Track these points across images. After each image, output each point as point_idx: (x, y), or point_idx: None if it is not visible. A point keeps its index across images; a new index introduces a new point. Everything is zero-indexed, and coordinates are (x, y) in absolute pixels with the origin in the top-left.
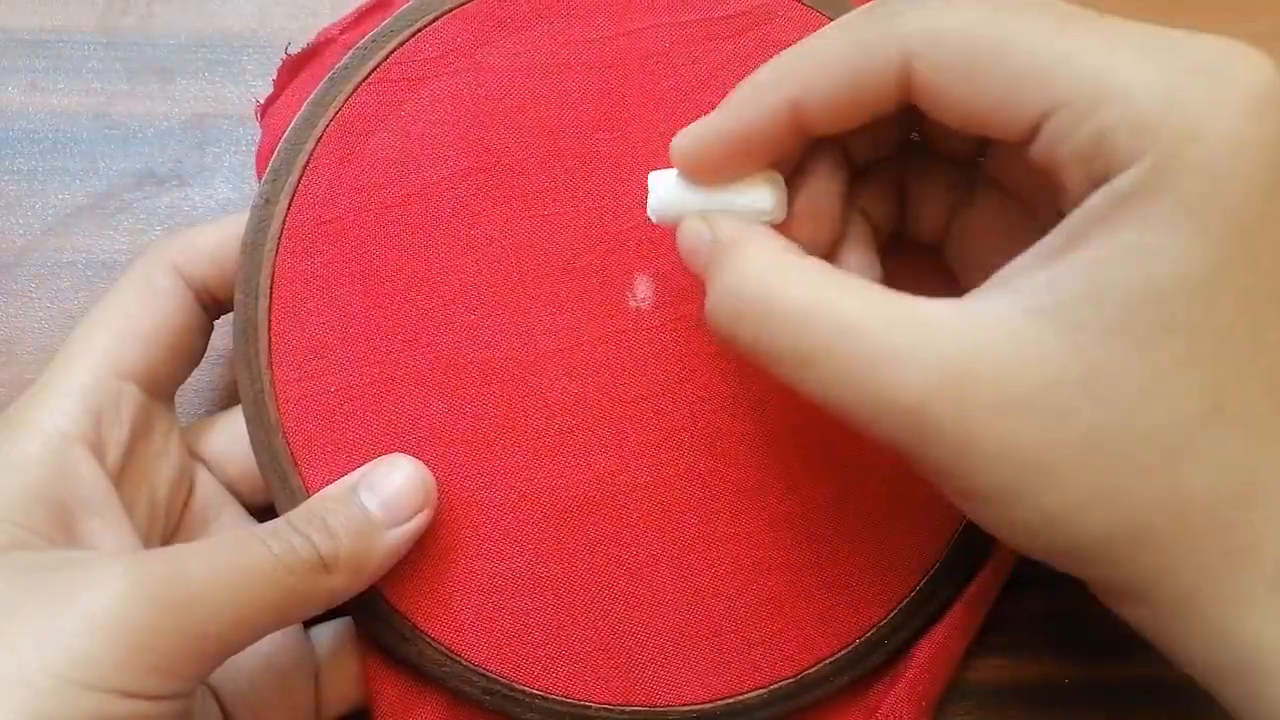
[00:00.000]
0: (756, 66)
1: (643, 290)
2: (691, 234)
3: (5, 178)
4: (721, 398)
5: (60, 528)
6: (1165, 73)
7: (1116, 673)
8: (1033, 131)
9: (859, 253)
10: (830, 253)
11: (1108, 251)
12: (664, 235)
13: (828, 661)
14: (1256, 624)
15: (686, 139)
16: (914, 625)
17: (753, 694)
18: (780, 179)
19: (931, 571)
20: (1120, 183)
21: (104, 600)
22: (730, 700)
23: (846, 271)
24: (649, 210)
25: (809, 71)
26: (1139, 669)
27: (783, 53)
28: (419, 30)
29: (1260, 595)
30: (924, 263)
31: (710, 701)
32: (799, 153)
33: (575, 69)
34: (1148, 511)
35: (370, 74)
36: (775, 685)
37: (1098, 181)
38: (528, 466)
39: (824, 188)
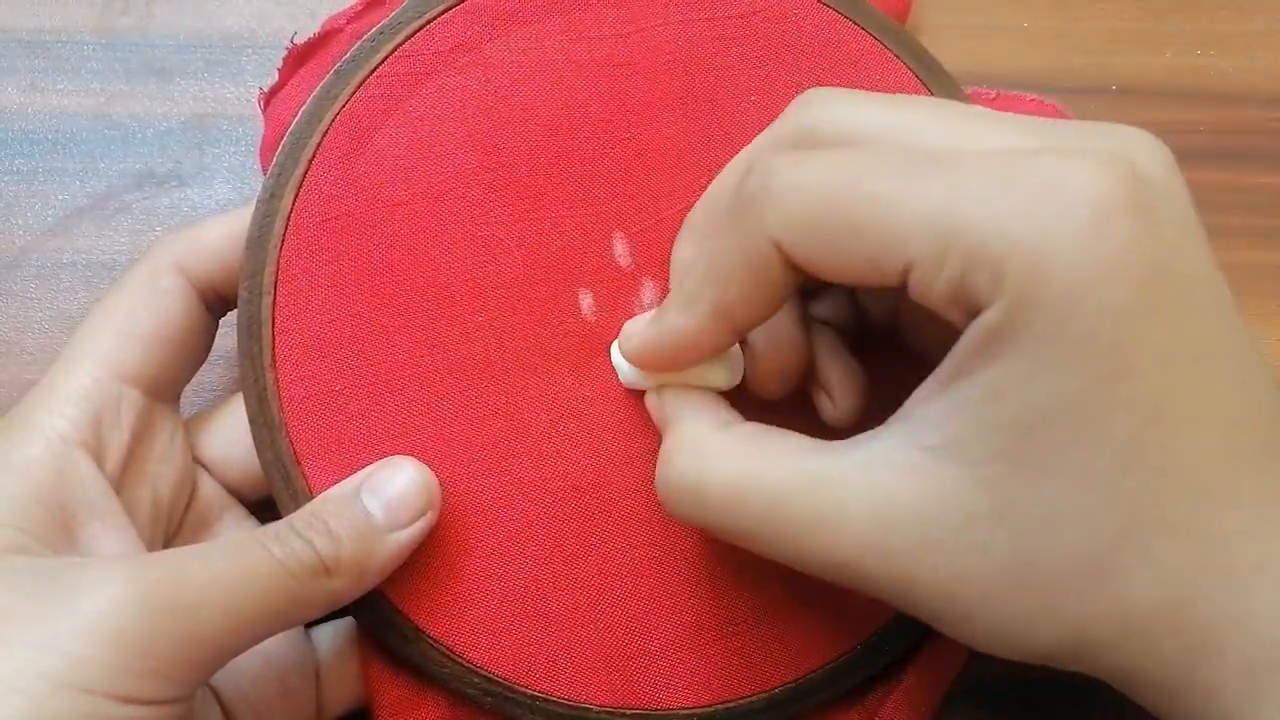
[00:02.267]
0: (770, 66)
1: (649, 295)
2: (651, 407)
3: (4, 178)
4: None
5: (61, 531)
6: (1008, 205)
7: None
8: (902, 282)
9: (834, 359)
10: (807, 370)
11: (988, 385)
12: (671, 242)
13: (827, 667)
14: (1241, 714)
15: (633, 343)
16: (913, 633)
17: (752, 698)
18: (735, 349)
19: None
20: (986, 320)
21: (102, 604)
22: (730, 704)
23: (771, 432)
24: (621, 378)
25: (718, 280)
26: None
27: (697, 265)
28: (427, 23)
29: (1233, 686)
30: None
31: (710, 705)
32: (730, 345)
33: (586, 66)
34: (1091, 624)
35: (377, 67)
36: (775, 690)
37: (969, 314)
38: (532, 468)
39: (778, 323)
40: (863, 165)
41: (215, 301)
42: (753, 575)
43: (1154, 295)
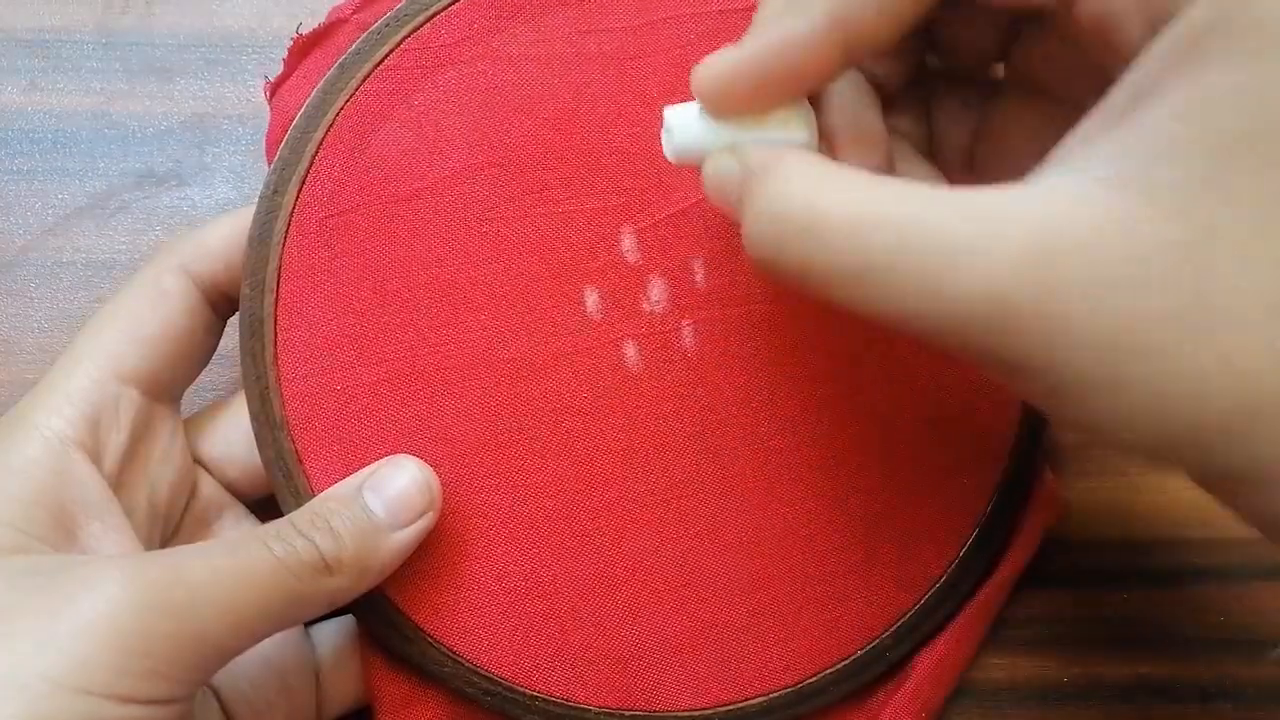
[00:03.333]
0: None
1: (657, 293)
2: (719, 169)
3: (4, 178)
4: (731, 405)
5: (60, 531)
6: None
7: (1116, 673)
8: None
9: (915, 165)
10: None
11: (1187, 99)
12: (681, 239)
13: (828, 672)
14: None
15: (714, 69)
16: (915, 639)
17: (752, 701)
18: (810, 109)
19: (935, 587)
20: (1190, 21)
21: (101, 605)
22: (729, 707)
23: (896, 177)
24: (667, 151)
25: None
26: (1139, 669)
27: None
28: (434, 15)
29: None
30: None
31: (710, 707)
32: (829, 81)
33: (595, 60)
34: (1257, 381)
35: (382, 60)
36: (775, 693)
37: (1159, 26)
38: (534, 468)
39: (864, 112)
40: None
41: (221, 302)
42: (754, 577)
43: None
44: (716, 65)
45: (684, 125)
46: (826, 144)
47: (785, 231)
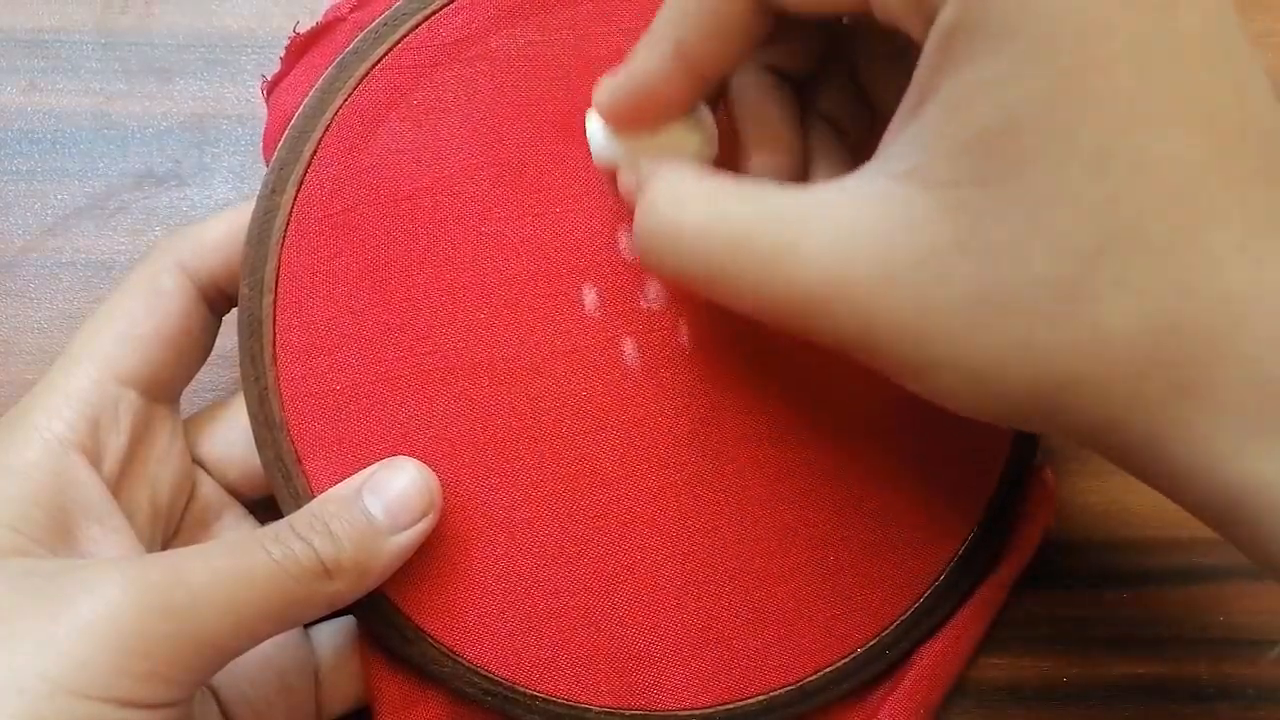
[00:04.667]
0: None
1: (655, 290)
2: (624, 183)
3: (4, 178)
4: (730, 402)
5: (60, 533)
6: None
7: (1116, 672)
8: (865, 3)
9: (827, 159)
10: (800, 172)
11: (949, 98)
12: None
13: (828, 670)
14: (1233, 463)
15: (603, 93)
16: (915, 638)
17: (752, 700)
18: (706, 116)
19: (934, 586)
20: (942, 21)
21: (101, 607)
22: (730, 706)
23: (754, 181)
24: (593, 156)
25: (681, 15)
26: (1139, 669)
27: (664, 4)
28: (433, 14)
29: (1224, 430)
30: None
31: (710, 706)
32: (714, 89)
33: (593, 60)
34: (1068, 358)
35: (380, 60)
36: (775, 692)
37: (929, 23)
38: (533, 467)
39: (767, 113)
40: None
41: (219, 300)
42: (754, 577)
43: None
44: (601, 92)
45: (594, 135)
46: (739, 150)
47: (655, 243)
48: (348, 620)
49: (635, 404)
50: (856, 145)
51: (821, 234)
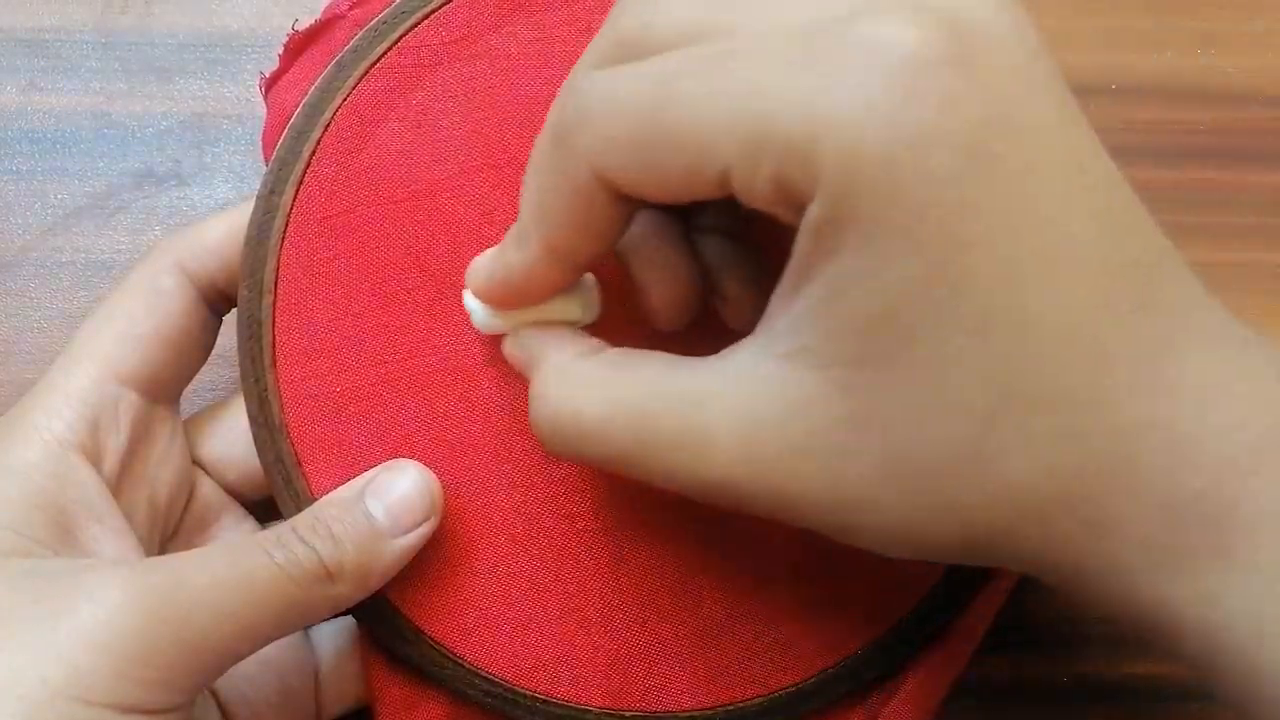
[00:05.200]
0: None
1: None
2: (511, 356)
3: (4, 178)
4: None
5: (60, 534)
6: (811, 81)
7: (1117, 672)
8: (727, 191)
9: (727, 270)
10: (700, 293)
11: (826, 284)
12: None
13: (828, 672)
14: (1149, 590)
15: (478, 279)
16: (915, 641)
17: (752, 701)
18: (590, 283)
19: (935, 588)
20: (811, 217)
21: (102, 613)
22: (730, 707)
23: (637, 354)
24: (477, 325)
25: (549, 214)
26: (1139, 669)
27: (526, 200)
28: (432, 12)
29: (1134, 559)
30: None
31: (710, 707)
32: (567, 285)
33: None
34: (982, 513)
35: (379, 59)
36: (775, 692)
37: (799, 211)
38: (533, 469)
39: (656, 251)
40: (671, 68)
41: (218, 300)
42: (755, 577)
43: (986, 154)
44: (480, 273)
45: (473, 308)
46: (635, 287)
47: (554, 435)
48: (347, 621)
49: None
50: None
51: (723, 418)
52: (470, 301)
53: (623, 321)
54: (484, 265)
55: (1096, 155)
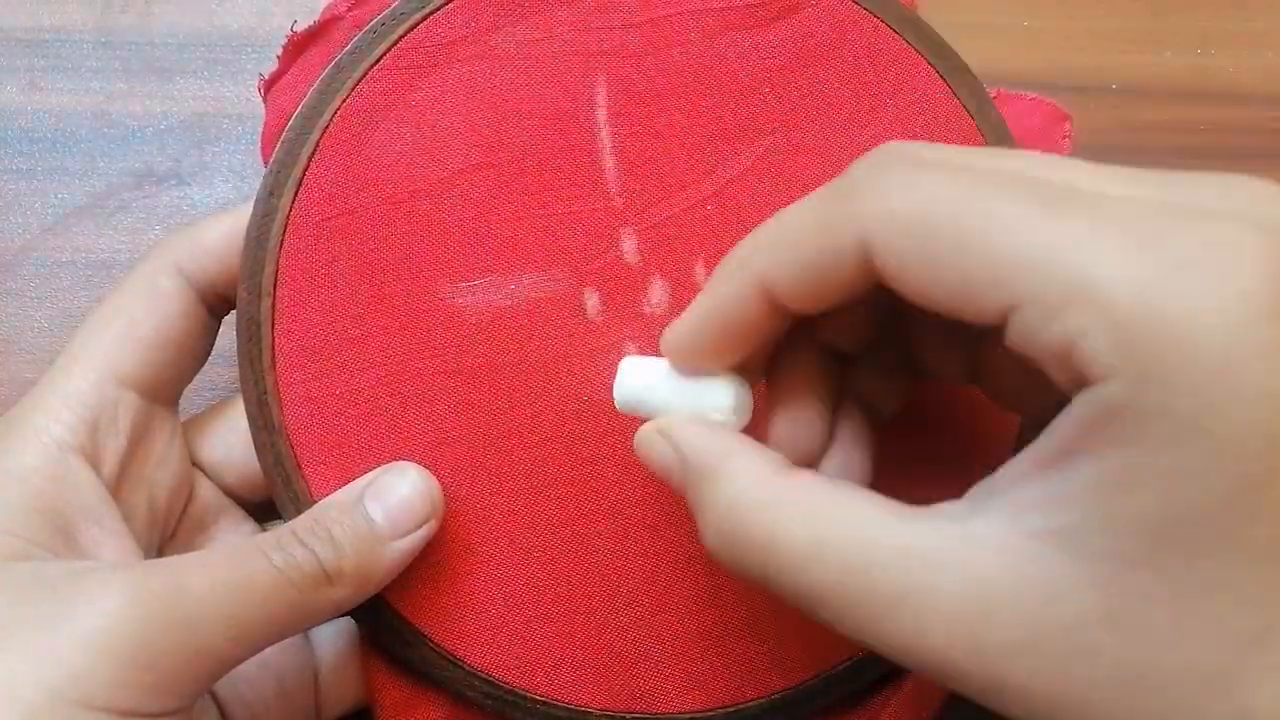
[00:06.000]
0: (785, 57)
1: (658, 295)
2: (654, 452)
3: (4, 177)
4: None
5: (60, 536)
6: (1149, 267)
7: None
8: (1001, 321)
9: (845, 452)
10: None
11: (1109, 473)
12: (681, 239)
13: (828, 674)
14: None
15: (675, 332)
16: None
17: (752, 703)
18: (745, 383)
19: None
20: (1105, 394)
21: (101, 617)
22: (730, 709)
23: (844, 486)
24: (615, 401)
25: (776, 248)
26: None
27: (758, 229)
28: (431, 12)
29: None
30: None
31: (710, 709)
32: (770, 338)
33: (594, 57)
34: None
35: (378, 60)
36: (775, 694)
37: (1078, 380)
38: (534, 471)
39: (804, 388)
40: (988, 184)
41: (217, 302)
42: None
43: None
44: (677, 328)
45: (631, 376)
46: (773, 408)
47: (740, 550)
48: (347, 623)
49: None
50: (884, 420)
51: (951, 586)
52: (630, 368)
53: None
54: (684, 317)
55: None
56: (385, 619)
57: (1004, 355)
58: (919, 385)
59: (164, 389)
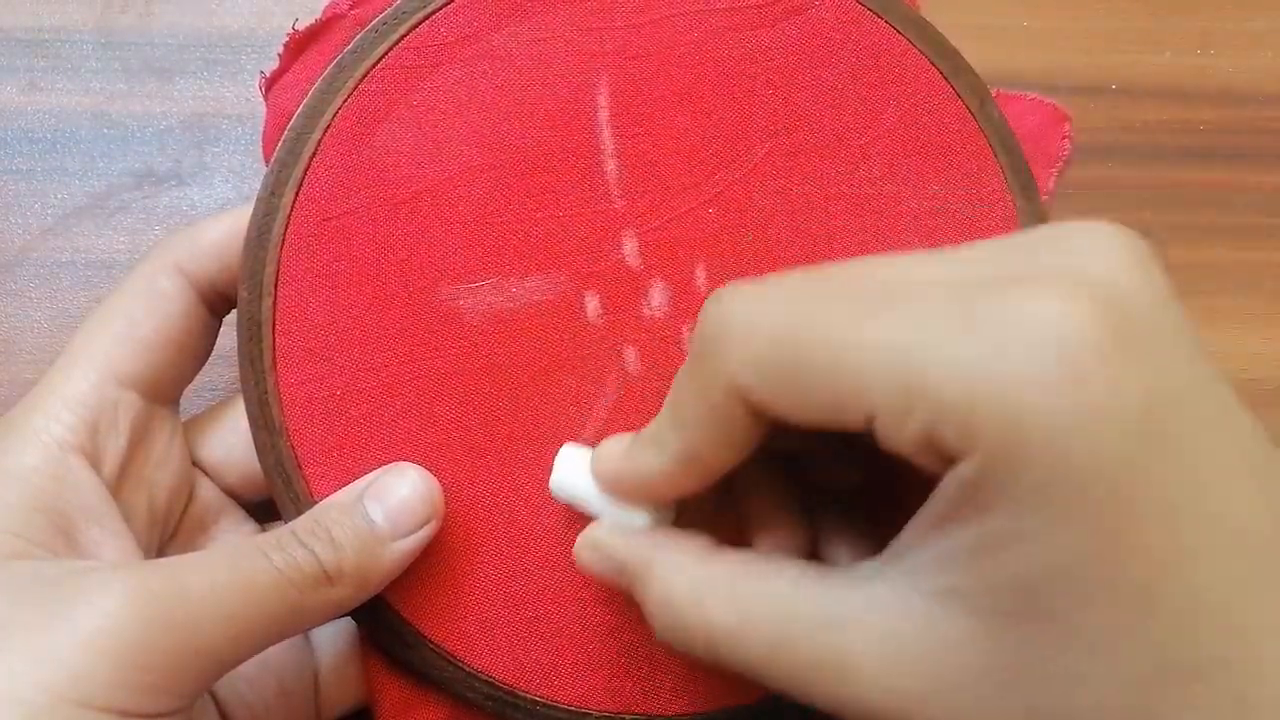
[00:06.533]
0: (788, 57)
1: (658, 298)
2: (592, 563)
3: (4, 177)
4: None
5: (60, 537)
6: (970, 350)
7: None
8: (868, 429)
9: (836, 534)
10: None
11: (979, 539)
12: (683, 241)
13: None
14: None
15: (605, 464)
16: None
17: (752, 704)
18: (666, 509)
19: None
20: (961, 474)
21: (101, 619)
22: (729, 709)
23: (766, 560)
24: (550, 486)
25: (686, 430)
26: None
27: (665, 408)
28: (433, 12)
29: None
30: None
31: (710, 711)
32: (691, 493)
33: (596, 58)
34: None
35: (380, 60)
36: (774, 696)
37: (947, 461)
38: (535, 473)
39: (772, 497)
40: (819, 299)
41: (217, 301)
42: None
43: (1151, 431)
44: (609, 464)
45: (566, 472)
46: (746, 525)
47: (683, 641)
48: (347, 623)
49: (637, 411)
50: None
51: (865, 648)
52: (566, 461)
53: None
54: (614, 457)
55: (1238, 409)
56: (385, 619)
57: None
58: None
59: (164, 389)
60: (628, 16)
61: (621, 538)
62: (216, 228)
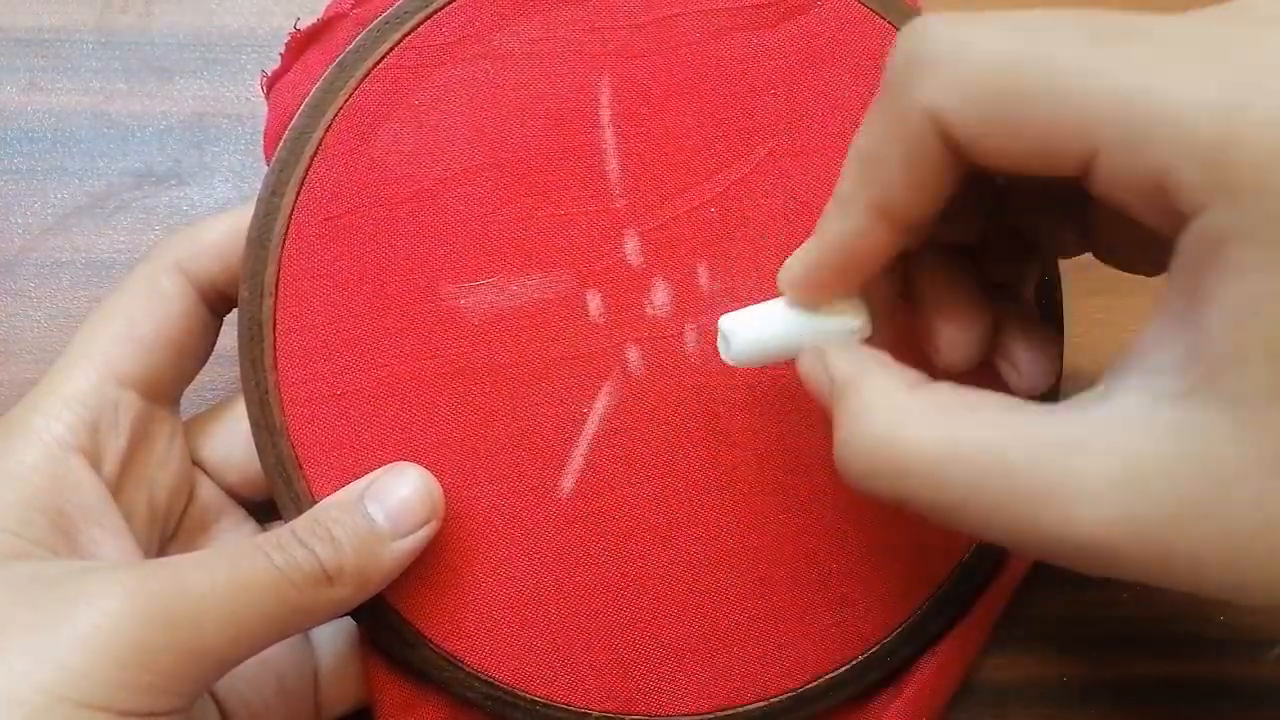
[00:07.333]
0: (790, 58)
1: (661, 297)
2: (814, 375)
3: (4, 177)
4: (735, 409)
5: (60, 536)
6: (1227, 85)
7: (1117, 672)
8: (1085, 171)
9: (1021, 329)
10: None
11: (1238, 304)
12: (684, 241)
13: (828, 677)
14: None
15: (795, 267)
16: (915, 645)
17: (753, 706)
18: (861, 301)
19: (935, 594)
20: (1209, 225)
21: (100, 618)
22: (730, 711)
23: (977, 393)
24: (727, 358)
25: (872, 169)
26: (1139, 669)
27: (849, 162)
28: (434, 12)
29: None
30: None
31: (711, 712)
32: (891, 257)
33: (599, 57)
34: None
35: (382, 59)
36: (775, 698)
37: (1174, 219)
38: (535, 473)
39: (952, 286)
40: (1043, 30)
41: (218, 301)
42: (755, 583)
43: None
44: (795, 264)
45: (742, 330)
46: (924, 324)
47: (872, 464)
48: (347, 623)
49: (639, 410)
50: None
51: (1101, 471)
52: (733, 321)
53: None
54: (800, 252)
55: None
56: (385, 619)
57: (1107, 215)
58: None
59: (165, 389)
60: (630, 16)
61: (841, 351)
62: (217, 227)
